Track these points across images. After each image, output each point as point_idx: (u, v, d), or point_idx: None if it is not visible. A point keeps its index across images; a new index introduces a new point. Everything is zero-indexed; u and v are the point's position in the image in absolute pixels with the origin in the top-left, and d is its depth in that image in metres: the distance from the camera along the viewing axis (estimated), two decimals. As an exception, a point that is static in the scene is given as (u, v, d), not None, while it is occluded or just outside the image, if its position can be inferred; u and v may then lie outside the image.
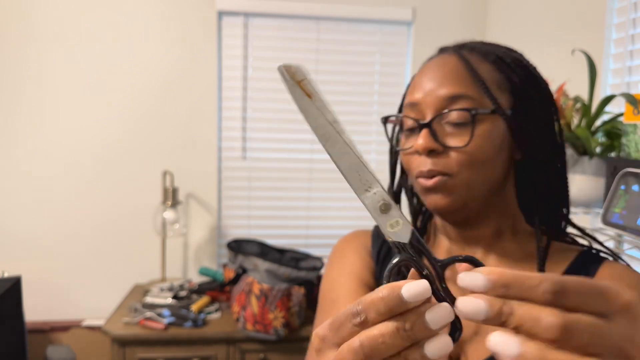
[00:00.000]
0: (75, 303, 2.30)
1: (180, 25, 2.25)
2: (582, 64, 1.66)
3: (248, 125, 2.35)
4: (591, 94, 1.16)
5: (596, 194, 1.12)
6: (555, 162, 0.67)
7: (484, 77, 0.64)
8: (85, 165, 2.25)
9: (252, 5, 2.25)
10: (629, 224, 0.90)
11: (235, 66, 2.31)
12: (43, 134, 2.21)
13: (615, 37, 1.54)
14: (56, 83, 2.20)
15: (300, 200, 2.43)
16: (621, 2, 1.51)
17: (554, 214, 0.69)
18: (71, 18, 2.18)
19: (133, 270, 2.32)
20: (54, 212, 2.25)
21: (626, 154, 1.03)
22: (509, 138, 0.64)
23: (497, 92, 0.64)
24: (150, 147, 2.28)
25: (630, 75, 1.47)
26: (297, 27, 2.33)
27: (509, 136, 0.64)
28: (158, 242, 2.31)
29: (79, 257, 2.28)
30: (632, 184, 0.93)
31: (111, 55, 2.22)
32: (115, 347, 1.82)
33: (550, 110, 0.66)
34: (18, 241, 2.24)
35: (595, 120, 1.15)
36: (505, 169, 0.65)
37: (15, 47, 2.16)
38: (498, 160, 0.64)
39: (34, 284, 2.26)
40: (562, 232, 0.69)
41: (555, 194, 0.68)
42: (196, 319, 1.87)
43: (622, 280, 0.59)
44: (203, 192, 2.33)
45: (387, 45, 2.39)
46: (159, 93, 2.27)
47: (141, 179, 2.28)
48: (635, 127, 1.01)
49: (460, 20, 2.40)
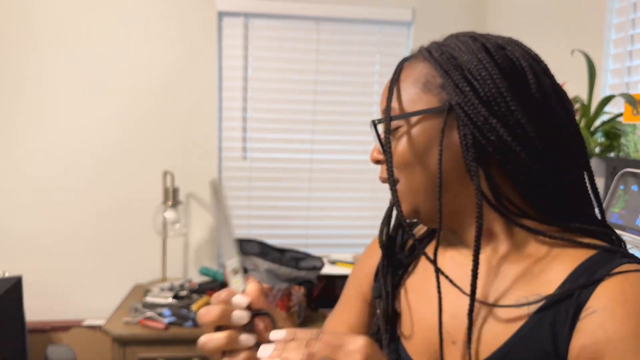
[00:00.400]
0: (75, 303, 2.30)
1: (180, 25, 2.25)
2: (582, 65, 1.67)
3: (248, 125, 2.35)
4: (590, 94, 1.17)
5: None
6: (534, 155, 0.58)
7: (408, 82, 0.64)
8: (86, 165, 2.25)
9: (252, 5, 2.26)
10: (628, 224, 0.91)
11: (236, 66, 2.31)
12: (43, 134, 2.21)
13: (614, 37, 1.54)
14: (56, 83, 2.20)
15: (300, 200, 2.43)
16: (621, 3, 1.52)
17: (556, 210, 0.61)
18: (71, 18, 2.18)
19: (133, 270, 2.32)
20: (54, 212, 2.25)
21: (625, 154, 1.03)
22: (453, 137, 0.60)
23: (420, 94, 0.62)
24: (151, 147, 2.28)
25: (629, 75, 1.48)
26: (297, 27, 2.33)
27: (453, 135, 0.60)
28: (158, 242, 2.31)
29: (79, 257, 2.29)
30: (631, 184, 0.94)
31: (112, 56, 2.22)
32: (115, 346, 1.83)
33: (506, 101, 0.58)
34: (19, 241, 2.24)
35: (595, 120, 1.16)
36: (457, 169, 0.61)
37: (16, 47, 2.16)
38: (432, 161, 0.61)
39: (34, 284, 2.26)
40: (574, 229, 0.60)
41: (544, 189, 0.60)
42: (196, 319, 1.87)
43: (623, 295, 0.52)
44: (203, 192, 2.34)
45: (387, 45, 2.40)
46: (159, 93, 2.27)
47: (142, 179, 2.29)
48: (635, 128, 1.02)
49: (460, 20, 2.41)
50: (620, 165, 1.01)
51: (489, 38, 0.63)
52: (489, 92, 0.58)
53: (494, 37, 0.63)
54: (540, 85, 0.59)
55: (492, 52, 0.60)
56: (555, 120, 0.60)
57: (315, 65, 2.36)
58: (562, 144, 0.60)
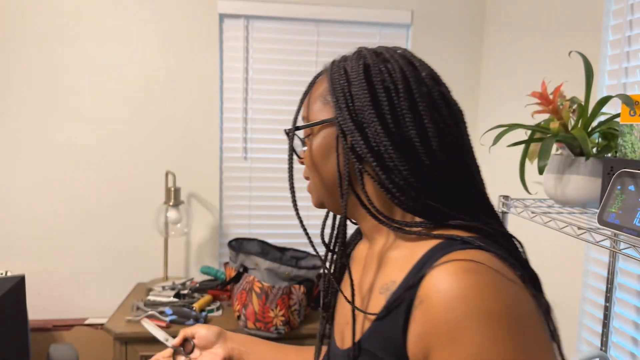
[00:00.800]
0: (78, 302, 2.31)
1: (182, 28, 2.26)
2: (579, 66, 1.68)
3: (249, 126, 2.37)
4: (588, 95, 1.18)
5: (593, 194, 1.13)
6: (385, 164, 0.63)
7: (316, 95, 0.72)
8: (88, 165, 2.26)
9: (252, 8, 2.27)
10: (625, 224, 0.91)
11: (236, 68, 2.33)
12: (46, 135, 2.22)
13: (611, 38, 1.56)
14: (58, 85, 2.21)
15: (300, 200, 2.44)
16: (618, 4, 1.53)
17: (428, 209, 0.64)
18: (73, 20, 2.20)
19: (135, 269, 2.33)
20: (56, 211, 2.26)
21: (622, 155, 1.05)
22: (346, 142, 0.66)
23: (322, 105, 0.70)
24: (153, 148, 2.30)
25: (626, 76, 1.49)
26: (298, 29, 2.35)
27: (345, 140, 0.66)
28: (160, 241, 2.33)
29: (81, 256, 2.30)
30: (628, 184, 0.95)
31: (114, 57, 2.24)
32: (117, 345, 1.84)
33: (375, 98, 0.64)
34: (21, 240, 2.25)
35: (592, 121, 1.17)
36: (351, 170, 0.68)
37: (19, 49, 2.18)
38: (330, 164, 0.70)
39: (37, 283, 2.28)
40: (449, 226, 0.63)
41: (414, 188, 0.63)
42: (198, 317, 1.89)
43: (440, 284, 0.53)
44: (205, 192, 2.35)
45: (386, 46, 2.41)
46: (161, 95, 2.28)
47: (144, 179, 2.30)
48: (632, 128, 1.03)
49: (458, 22, 2.42)
50: (618, 165, 1.02)
51: (379, 54, 0.70)
52: (357, 108, 0.65)
53: (384, 53, 0.70)
54: (411, 94, 0.64)
55: (370, 70, 0.67)
56: (433, 126, 0.64)
57: (315, 67, 2.38)
58: (443, 148, 0.64)
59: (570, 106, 1.20)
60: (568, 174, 1.16)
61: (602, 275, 1.57)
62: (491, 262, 0.55)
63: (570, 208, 1.19)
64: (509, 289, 0.53)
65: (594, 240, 0.99)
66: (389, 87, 0.65)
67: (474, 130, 2.50)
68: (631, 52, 1.48)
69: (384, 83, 0.65)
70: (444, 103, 0.66)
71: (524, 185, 1.27)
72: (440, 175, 0.63)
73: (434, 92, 0.66)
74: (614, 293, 1.45)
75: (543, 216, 1.42)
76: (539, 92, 1.21)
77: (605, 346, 1.47)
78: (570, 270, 1.70)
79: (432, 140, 0.63)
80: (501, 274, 0.54)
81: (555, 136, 1.15)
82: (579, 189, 1.14)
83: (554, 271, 1.80)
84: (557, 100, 1.19)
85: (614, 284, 1.44)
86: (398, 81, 0.65)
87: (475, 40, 2.45)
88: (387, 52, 0.70)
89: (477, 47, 2.45)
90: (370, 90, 0.65)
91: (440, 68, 2.67)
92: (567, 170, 1.17)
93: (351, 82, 0.67)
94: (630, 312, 1.45)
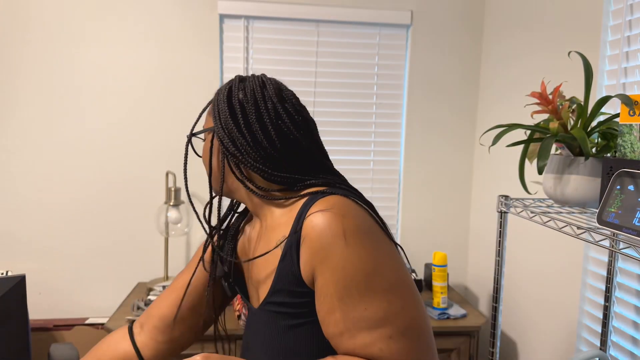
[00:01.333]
0: (78, 301, 2.31)
1: (182, 28, 2.27)
2: (578, 66, 1.69)
3: (249, 126, 2.37)
4: (587, 95, 1.19)
5: (592, 194, 1.14)
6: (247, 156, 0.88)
7: (210, 110, 0.95)
8: (89, 166, 2.27)
9: (252, 8, 2.28)
10: (624, 224, 0.92)
11: (237, 68, 2.33)
12: (47, 135, 2.23)
13: (611, 39, 1.56)
14: (59, 85, 2.22)
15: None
16: (617, 5, 1.53)
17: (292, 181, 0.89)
18: (74, 21, 2.20)
19: (136, 269, 2.34)
20: (57, 211, 2.27)
21: (622, 155, 1.05)
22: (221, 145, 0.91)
23: (209, 118, 0.95)
24: (153, 148, 2.30)
25: (625, 76, 1.50)
26: (298, 30, 2.35)
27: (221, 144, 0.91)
28: (161, 241, 2.33)
29: (82, 256, 2.30)
30: (627, 184, 0.95)
31: (114, 58, 2.24)
32: (118, 345, 1.84)
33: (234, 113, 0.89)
34: (22, 240, 2.26)
35: (591, 121, 1.17)
36: (227, 162, 0.91)
37: (17, 48, 2.18)
38: (214, 160, 0.93)
39: (38, 283, 2.28)
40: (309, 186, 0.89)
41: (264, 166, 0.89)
42: (198, 317, 1.89)
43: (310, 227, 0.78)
44: (205, 192, 2.36)
45: (386, 48, 2.42)
46: (161, 95, 2.29)
47: (144, 179, 2.31)
48: (631, 128, 1.03)
49: (458, 23, 2.43)
50: (617, 165, 1.03)
51: (242, 79, 0.94)
52: (223, 120, 0.89)
53: (247, 79, 0.94)
54: (258, 108, 0.89)
55: (231, 92, 0.91)
56: (274, 130, 0.88)
57: (315, 67, 2.38)
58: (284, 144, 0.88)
59: (570, 106, 1.20)
60: (567, 174, 1.17)
61: (602, 275, 1.57)
62: (342, 201, 0.80)
63: (570, 208, 1.19)
64: (358, 214, 0.78)
65: (594, 239, 0.99)
66: (243, 105, 0.90)
67: (473, 131, 2.51)
68: (630, 52, 1.48)
69: (239, 102, 0.90)
70: (286, 114, 0.89)
71: (523, 185, 1.27)
72: (284, 159, 0.89)
73: (277, 106, 0.89)
74: (613, 292, 1.45)
75: (542, 216, 1.42)
76: (539, 92, 1.21)
77: (604, 345, 1.48)
78: (570, 270, 1.71)
79: (276, 139, 0.87)
80: (350, 207, 0.79)
81: (555, 136, 1.15)
82: (579, 188, 1.14)
83: (553, 271, 1.80)
84: (556, 100, 1.19)
85: (613, 283, 1.44)
86: (250, 100, 0.89)
87: (475, 40, 2.45)
88: (250, 79, 0.93)
89: (476, 47, 2.46)
90: (230, 107, 0.90)
91: (439, 68, 2.67)
92: (566, 170, 1.17)
93: (219, 102, 0.92)
94: (630, 311, 1.45)
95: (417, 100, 2.45)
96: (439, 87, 2.46)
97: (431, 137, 2.48)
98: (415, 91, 2.44)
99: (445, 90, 2.46)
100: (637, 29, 1.46)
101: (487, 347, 2.33)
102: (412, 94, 2.44)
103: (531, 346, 1.96)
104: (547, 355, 1.85)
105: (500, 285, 1.32)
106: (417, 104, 2.45)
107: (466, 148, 2.52)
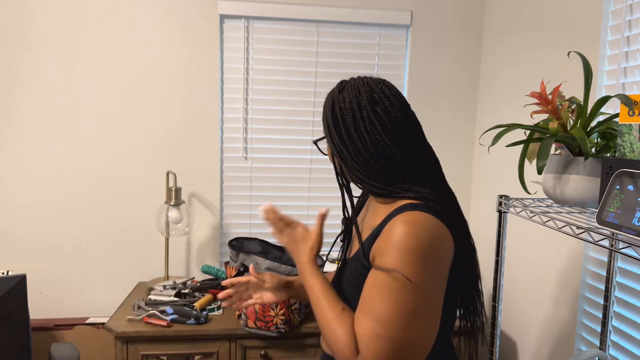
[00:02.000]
0: (79, 301, 2.32)
1: (183, 28, 2.27)
2: (578, 66, 1.69)
3: (249, 126, 2.38)
4: (587, 95, 1.19)
5: (592, 194, 1.14)
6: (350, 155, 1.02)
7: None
8: (90, 165, 2.27)
9: (253, 8, 2.28)
10: (624, 223, 0.92)
11: (237, 68, 2.34)
12: (48, 135, 2.23)
13: (610, 38, 1.56)
14: (60, 85, 2.22)
15: (300, 200, 2.45)
16: (616, 5, 1.54)
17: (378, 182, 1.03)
18: (75, 21, 2.20)
19: (137, 269, 2.34)
20: (58, 210, 2.27)
21: (621, 155, 1.05)
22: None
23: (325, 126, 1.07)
24: (154, 148, 2.31)
25: (625, 76, 1.50)
26: (298, 30, 2.36)
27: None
28: (162, 241, 2.33)
29: (83, 255, 2.31)
30: (627, 183, 0.95)
31: (116, 58, 2.24)
32: (118, 344, 1.85)
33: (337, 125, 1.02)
34: (23, 240, 2.26)
35: (591, 121, 1.18)
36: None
37: (18, 48, 2.18)
38: (336, 160, 1.08)
39: (38, 282, 2.28)
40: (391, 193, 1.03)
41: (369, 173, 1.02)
42: (199, 316, 1.89)
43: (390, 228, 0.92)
44: (205, 192, 2.36)
45: (386, 48, 2.42)
46: (162, 95, 2.29)
47: (145, 179, 2.31)
48: (631, 128, 1.04)
49: (458, 23, 2.43)
50: (617, 165, 1.03)
51: (342, 90, 1.05)
52: (329, 131, 1.04)
53: (346, 84, 1.06)
54: (362, 115, 1.00)
55: (334, 98, 1.04)
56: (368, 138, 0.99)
57: (315, 67, 2.38)
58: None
59: (569, 106, 1.20)
60: (567, 174, 1.17)
61: (601, 275, 1.57)
62: (424, 220, 0.92)
63: (569, 208, 1.20)
64: (428, 238, 0.90)
65: (593, 239, 0.99)
66: (344, 117, 1.02)
67: (473, 131, 2.51)
68: (630, 53, 1.48)
69: (340, 112, 1.02)
70: (378, 121, 1.00)
71: (523, 185, 1.27)
72: (382, 168, 1.01)
73: (371, 114, 1.00)
74: (612, 292, 1.45)
75: (542, 216, 1.43)
76: (538, 92, 1.21)
77: (604, 345, 1.48)
78: (570, 270, 1.71)
79: (371, 147, 1.00)
80: (427, 228, 0.91)
81: (554, 136, 1.16)
82: (578, 188, 1.15)
83: (553, 270, 1.81)
84: (556, 100, 1.20)
85: (612, 283, 1.45)
86: (348, 112, 1.01)
87: (474, 40, 2.45)
88: (348, 88, 1.05)
89: (476, 47, 2.46)
90: (334, 120, 1.03)
91: (439, 68, 2.68)
92: (566, 170, 1.17)
93: (325, 112, 1.06)
94: (629, 311, 1.46)
95: (417, 101, 2.45)
96: (438, 87, 2.46)
97: (431, 137, 2.49)
98: (415, 91, 2.45)
99: (445, 90, 2.47)
100: (637, 29, 1.46)
101: (487, 346, 2.33)
102: (411, 94, 2.44)
103: (531, 346, 1.96)
104: (546, 355, 1.85)
105: (500, 285, 1.32)
106: (417, 104, 2.46)
107: (466, 148, 2.52)
